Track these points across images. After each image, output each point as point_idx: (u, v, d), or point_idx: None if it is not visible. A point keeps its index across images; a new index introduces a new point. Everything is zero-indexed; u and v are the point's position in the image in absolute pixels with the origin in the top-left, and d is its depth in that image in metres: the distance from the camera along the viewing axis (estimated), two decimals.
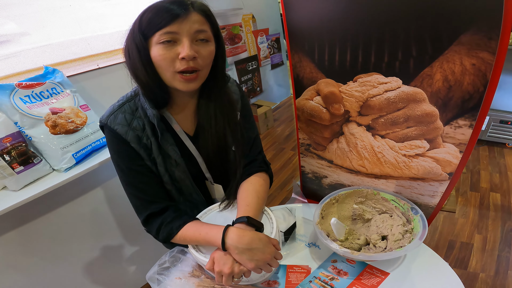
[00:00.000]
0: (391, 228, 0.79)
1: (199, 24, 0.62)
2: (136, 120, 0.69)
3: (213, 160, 0.77)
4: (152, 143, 0.70)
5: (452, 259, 1.48)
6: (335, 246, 0.70)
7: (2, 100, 0.98)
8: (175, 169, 0.74)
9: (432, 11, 0.57)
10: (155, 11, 0.60)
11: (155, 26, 0.59)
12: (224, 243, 0.63)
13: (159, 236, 0.71)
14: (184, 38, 0.60)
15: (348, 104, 0.79)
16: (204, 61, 0.64)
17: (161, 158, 0.71)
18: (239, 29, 2.99)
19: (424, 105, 0.68)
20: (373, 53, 0.68)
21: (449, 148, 0.72)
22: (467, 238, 1.59)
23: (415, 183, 0.82)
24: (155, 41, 0.60)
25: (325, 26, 0.72)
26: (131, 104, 0.71)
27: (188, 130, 0.77)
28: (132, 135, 0.68)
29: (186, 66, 0.61)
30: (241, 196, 0.76)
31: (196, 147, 0.77)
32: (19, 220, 1.09)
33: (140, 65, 0.63)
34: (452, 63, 0.60)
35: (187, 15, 0.60)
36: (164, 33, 0.59)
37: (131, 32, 0.63)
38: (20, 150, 1.01)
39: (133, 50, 0.63)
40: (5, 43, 1.03)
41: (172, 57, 0.61)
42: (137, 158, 0.70)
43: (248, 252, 0.61)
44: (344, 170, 0.92)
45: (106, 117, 0.69)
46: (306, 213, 0.95)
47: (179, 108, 0.75)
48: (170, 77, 0.64)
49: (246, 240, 0.62)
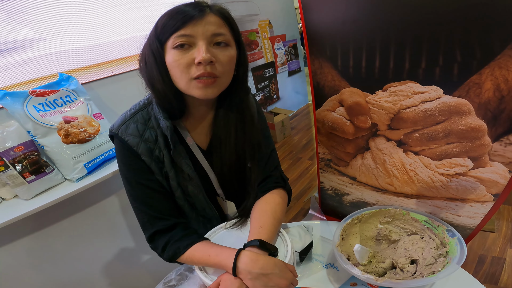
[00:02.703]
0: (422, 252, 0.70)
1: (216, 27, 0.57)
2: (149, 131, 0.65)
3: (227, 177, 0.72)
4: (164, 156, 0.66)
5: (482, 274, 1.41)
6: (356, 271, 0.64)
7: (15, 108, 0.97)
8: (188, 183, 0.69)
9: (482, 8, 0.49)
10: (170, 14, 0.57)
11: (169, 29, 0.56)
12: (236, 267, 0.57)
13: (165, 254, 0.67)
14: (200, 41, 0.56)
15: (376, 117, 0.70)
16: (223, 67, 0.59)
17: (174, 172, 0.67)
18: (256, 35, 2.97)
19: (470, 119, 0.59)
20: (408, 58, 0.60)
21: (497, 168, 0.62)
22: (499, 252, 1.51)
23: (452, 203, 0.72)
24: (170, 46, 0.57)
25: (349, 27, 0.65)
26: (144, 113, 0.66)
27: (202, 144, 0.72)
28: (144, 147, 0.64)
29: (203, 71, 0.56)
30: (254, 216, 0.70)
31: (209, 162, 0.72)
32: (32, 227, 1.09)
33: (157, 73, 0.59)
34: (506, 69, 0.51)
35: (202, 16, 0.55)
36: (178, 36, 0.55)
37: (149, 38, 0.60)
38: (32, 159, 1.00)
39: (149, 57, 0.59)
40: (20, 48, 1.03)
41: (188, 62, 0.56)
42: (147, 172, 0.66)
43: (263, 277, 0.56)
44: (368, 188, 0.83)
45: (118, 127, 0.65)
46: (324, 232, 0.88)
47: (195, 119, 0.70)
48: (186, 85, 0.59)
49: (261, 264, 0.57)
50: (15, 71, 1.04)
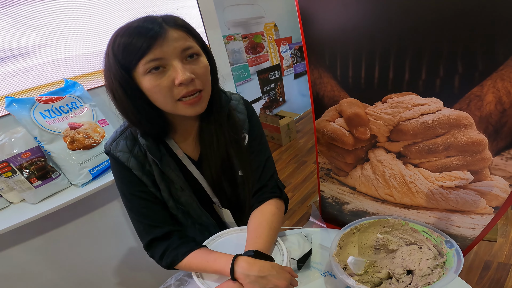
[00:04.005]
0: (419, 262, 0.70)
1: (183, 41, 0.55)
2: (138, 147, 0.67)
3: (218, 184, 0.73)
4: (154, 169, 0.67)
5: (487, 280, 1.37)
6: (351, 281, 0.64)
7: (22, 114, 0.99)
8: (180, 193, 0.71)
9: (483, 19, 0.48)
10: (127, 36, 0.52)
11: (134, 55, 0.52)
12: (234, 271, 0.58)
13: (163, 261, 0.68)
14: (173, 61, 0.54)
15: (375, 128, 0.70)
16: (203, 78, 0.58)
17: (164, 184, 0.69)
18: (261, 38, 2.97)
19: (470, 132, 0.58)
20: (408, 69, 0.59)
21: (498, 181, 0.61)
22: (505, 258, 1.48)
23: (452, 215, 0.71)
24: (142, 72, 0.54)
25: (348, 36, 0.64)
26: (133, 130, 0.68)
27: (192, 155, 0.73)
28: (134, 162, 0.66)
29: (186, 91, 0.56)
30: (250, 227, 0.71)
31: (200, 171, 0.73)
32: (38, 230, 1.11)
33: (128, 104, 0.57)
34: (508, 81, 0.50)
35: (165, 34, 0.52)
36: (149, 61, 0.52)
37: (109, 68, 0.56)
38: (39, 165, 1.02)
39: (117, 89, 0.56)
40: (27, 55, 1.05)
41: (168, 85, 0.55)
42: (140, 185, 0.68)
43: (261, 280, 0.57)
44: (368, 198, 0.83)
45: (109, 144, 0.68)
46: (324, 240, 0.87)
47: (182, 133, 0.71)
48: (173, 107, 0.59)
49: (258, 267, 0.58)
50: (21, 78, 1.06)
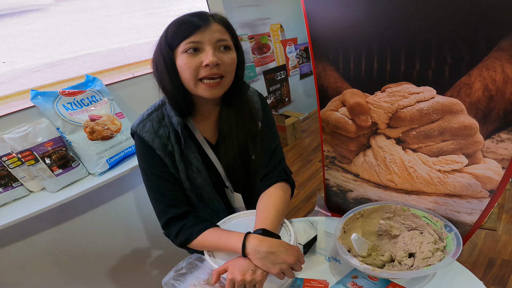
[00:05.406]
0: (420, 246, 0.73)
1: (220, 34, 0.65)
2: (163, 128, 0.73)
3: (234, 169, 0.78)
4: (175, 150, 0.73)
5: (491, 277, 1.38)
6: (355, 262, 0.67)
7: (47, 106, 1.06)
8: (196, 175, 0.76)
9: (468, 14, 0.53)
10: (179, 24, 0.64)
11: (179, 37, 0.64)
12: (245, 248, 0.62)
13: (178, 239, 0.72)
14: (207, 46, 0.64)
15: (376, 116, 0.75)
16: (227, 68, 0.67)
17: (183, 165, 0.74)
18: (267, 39, 3.03)
19: (462, 117, 0.63)
20: (403, 61, 0.65)
21: (490, 164, 0.65)
22: (509, 255, 1.49)
23: (450, 200, 0.76)
24: (180, 51, 0.64)
25: (349, 33, 0.70)
26: (159, 113, 0.75)
27: (211, 139, 0.79)
28: (158, 142, 0.72)
29: (210, 72, 0.64)
30: (259, 209, 0.75)
31: (217, 155, 0.78)
32: (56, 220, 1.16)
33: (166, 75, 0.67)
34: (493, 70, 0.55)
35: (208, 25, 0.63)
36: (188, 43, 0.63)
37: (158, 45, 0.68)
38: (60, 154, 1.08)
39: (160, 61, 0.67)
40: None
41: (197, 65, 0.64)
42: (161, 165, 0.73)
43: (270, 255, 0.61)
44: (371, 185, 0.87)
45: (136, 125, 0.74)
46: (328, 227, 0.92)
47: (203, 117, 0.77)
48: (194, 85, 0.67)
49: (267, 244, 0.62)
50: (46, 73, 1.13)
